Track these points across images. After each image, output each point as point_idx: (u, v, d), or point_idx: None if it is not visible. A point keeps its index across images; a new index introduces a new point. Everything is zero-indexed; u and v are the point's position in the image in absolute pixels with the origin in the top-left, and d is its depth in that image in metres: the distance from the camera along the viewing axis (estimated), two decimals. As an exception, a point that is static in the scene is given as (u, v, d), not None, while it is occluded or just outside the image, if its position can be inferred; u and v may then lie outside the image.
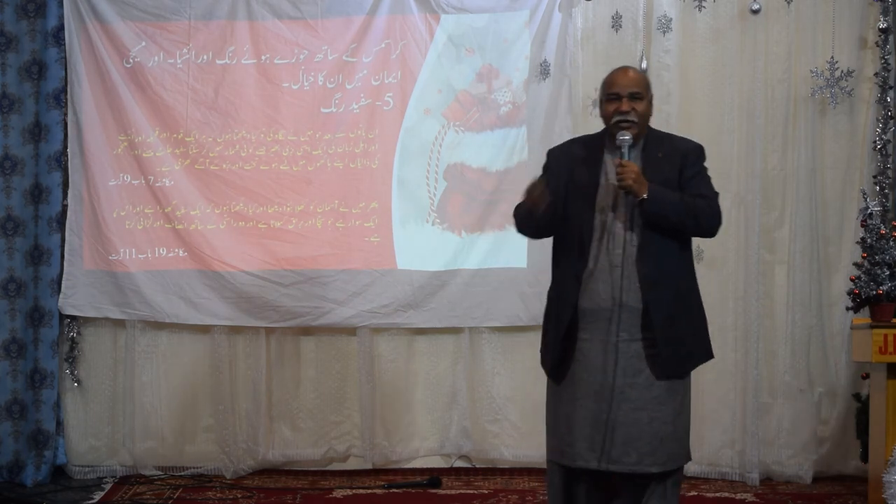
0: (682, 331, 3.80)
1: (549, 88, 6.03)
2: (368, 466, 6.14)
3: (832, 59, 5.86)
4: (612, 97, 3.85)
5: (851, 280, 5.14)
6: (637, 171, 3.71)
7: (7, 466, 6.04)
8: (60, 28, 6.10)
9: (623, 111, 3.81)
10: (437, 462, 6.18)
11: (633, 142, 3.80)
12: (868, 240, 5.07)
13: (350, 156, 6.14)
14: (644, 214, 3.74)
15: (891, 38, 5.90)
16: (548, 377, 3.92)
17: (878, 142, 5.89)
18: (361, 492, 5.76)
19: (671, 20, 5.93)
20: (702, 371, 4.03)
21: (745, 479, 5.83)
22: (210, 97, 6.15)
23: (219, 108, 6.15)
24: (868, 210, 5.12)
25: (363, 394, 6.12)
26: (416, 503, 5.61)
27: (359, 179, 6.14)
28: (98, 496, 5.73)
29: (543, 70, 6.02)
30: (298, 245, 6.11)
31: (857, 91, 5.92)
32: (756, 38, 5.92)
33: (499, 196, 6.08)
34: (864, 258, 5.06)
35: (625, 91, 3.82)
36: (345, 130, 6.14)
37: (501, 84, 6.13)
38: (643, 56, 5.92)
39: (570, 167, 3.88)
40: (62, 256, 6.13)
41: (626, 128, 3.79)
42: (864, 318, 5.17)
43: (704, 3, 5.90)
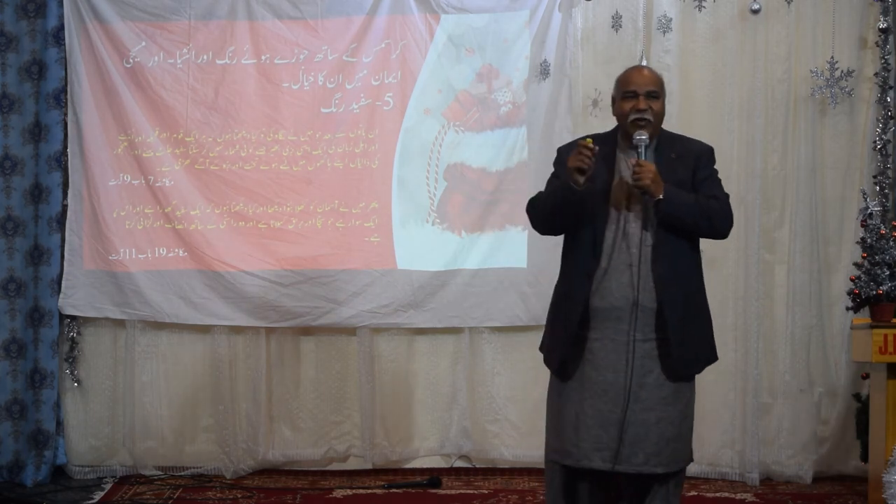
0: (693, 331, 3.80)
1: (549, 88, 6.03)
2: (368, 466, 6.14)
3: (832, 59, 5.86)
4: (629, 95, 3.80)
5: (851, 280, 5.14)
6: (654, 171, 3.68)
7: (7, 466, 6.04)
8: (60, 28, 6.09)
9: (640, 109, 3.77)
10: (437, 462, 6.18)
11: (648, 141, 3.76)
12: (868, 240, 5.06)
13: (350, 156, 6.14)
14: (659, 215, 3.71)
15: (891, 38, 5.90)
16: (553, 375, 3.89)
17: (878, 142, 5.89)
18: (361, 492, 5.76)
19: (671, 20, 5.93)
20: (702, 371, 4.02)
21: (745, 479, 5.83)
22: (210, 97, 6.15)
23: (219, 108, 6.15)
24: (868, 210, 5.12)
25: (363, 394, 6.11)
26: (416, 503, 5.61)
27: (359, 179, 6.14)
28: (98, 496, 5.72)
29: (543, 70, 6.02)
30: (298, 245, 6.11)
31: (857, 91, 5.92)
32: (756, 38, 5.92)
33: (499, 196, 6.09)
34: (864, 258, 5.06)
35: (642, 89, 3.79)
36: (345, 130, 6.13)
37: (501, 84, 6.12)
38: (643, 56, 5.91)
39: None
40: (62, 256, 6.12)
41: (643, 126, 3.75)
42: (864, 318, 5.17)
43: (704, 3, 5.89)
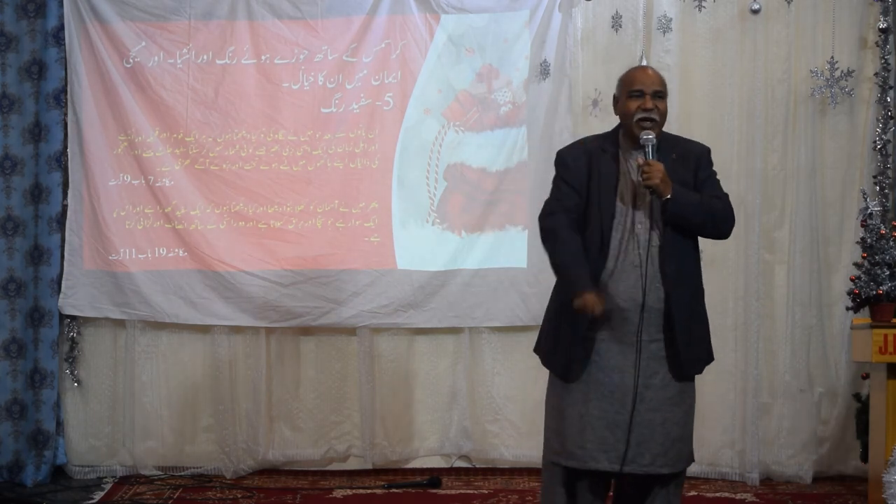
0: (697, 331, 3.81)
1: (549, 88, 6.03)
2: (368, 466, 6.13)
3: (832, 59, 5.86)
4: (635, 94, 3.78)
5: (851, 280, 5.14)
6: (663, 171, 3.67)
7: (7, 466, 6.04)
8: (60, 28, 6.09)
9: (647, 108, 3.76)
10: (437, 462, 6.18)
11: (655, 141, 3.74)
12: (868, 240, 5.06)
13: (350, 156, 6.14)
14: (667, 215, 3.71)
15: (891, 38, 5.90)
16: (556, 377, 3.86)
17: (878, 142, 5.89)
18: (361, 492, 5.76)
19: (671, 20, 5.93)
20: (703, 371, 4.02)
21: (745, 479, 5.83)
22: (210, 97, 6.15)
23: (219, 108, 6.15)
24: (868, 210, 5.12)
25: (363, 394, 6.11)
26: (416, 503, 5.61)
27: (359, 179, 6.14)
28: (98, 496, 5.72)
29: (543, 70, 6.02)
30: (298, 245, 6.11)
31: (857, 91, 5.92)
32: (756, 38, 5.92)
33: (499, 196, 6.09)
34: (864, 258, 5.06)
35: (649, 89, 3.77)
36: (345, 130, 6.13)
37: (501, 84, 6.12)
38: (643, 56, 5.91)
39: (588, 166, 3.82)
40: (62, 256, 6.12)
41: (649, 126, 3.75)
42: (864, 318, 5.17)
43: (704, 3, 5.89)
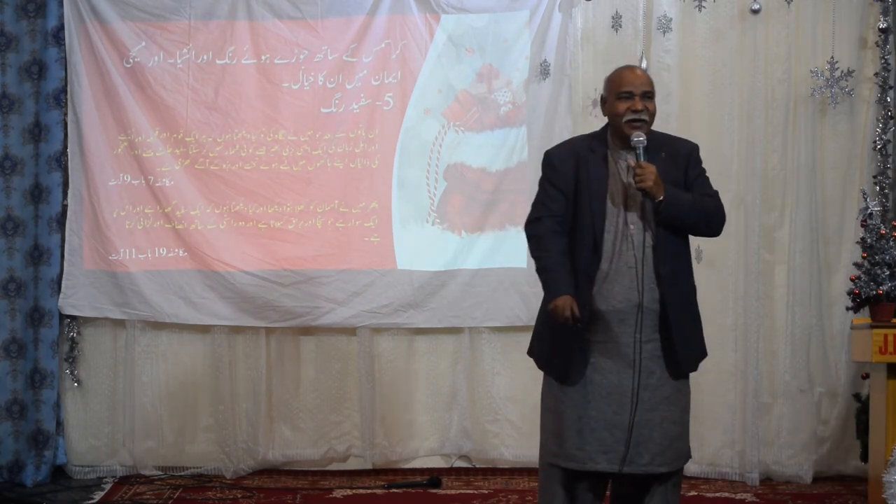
0: (692, 329, 3.82)
1: (549, 88, 6.03)
2: (368, 466, 6.13)
3: (832, 59, 5.86)
4: (625, 96, 3.77)
5: (851, 280, 5.14)
6: (655, 173, 3.66)
7: (7, 466, 6.04)
8: (60, 28, 6.09)
9: (637, 110, 3.75)
10: (437, 462, 6.18)
11: (646, 142, 3.73)
12: (868, 240, 5.06)
13: (350, 156, 6.14)
14: (660, 217, 3.70)
15: (891, 38, 5.90)
16: (553, 380, 3.84)
17: (878, 142, 5.89)
18: (361, 492, 5.76)
19: (671, 20, 5.93)
20: (702, 371, 4.02)
21: (745, 479, 5.83)
22: (210, 97, 6.15)
23: (219, 108, 6.15)
24: (868, 210, 5.11)
25: (363, 394, 6.11)
26: (416, 503, 5.61)
27: (359, 179, 6.14)
28: (98, 496, 5.73)
29: (543, 70, 6.02)
30: (298, 245, 6.11)
31: (857, 91, 5.92)
32: (756, 38, 5.92)
33: (499, 196, 6.09)
34: (864, 258, 5.05)
35: (638, 90, 3.77)
36: (345, 130, 6.13)
37: (501, 84, 6.12)
38: (643, 56, 5.91)
39: (577, 168, 3.81)
40: (62, 256, 6.12)
41: (639, 127, 3.74)
42: (864, 318, 5.16)
43: (704, 3, 5.89)
